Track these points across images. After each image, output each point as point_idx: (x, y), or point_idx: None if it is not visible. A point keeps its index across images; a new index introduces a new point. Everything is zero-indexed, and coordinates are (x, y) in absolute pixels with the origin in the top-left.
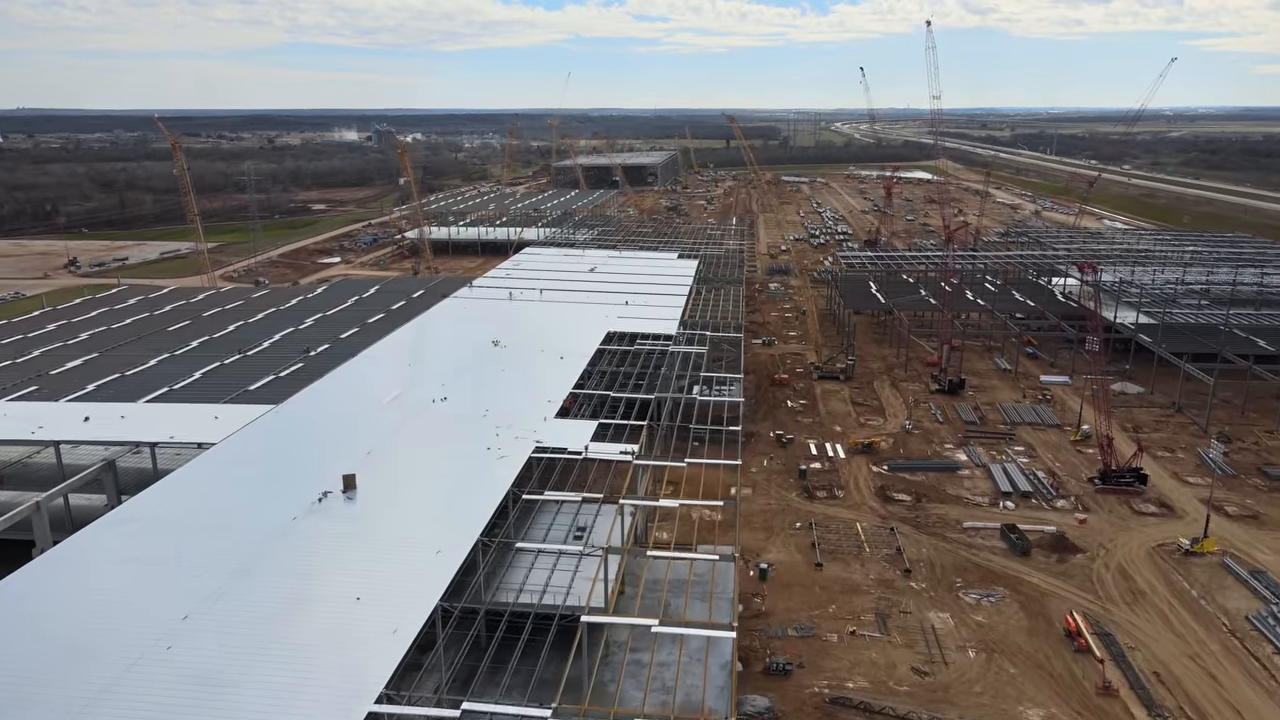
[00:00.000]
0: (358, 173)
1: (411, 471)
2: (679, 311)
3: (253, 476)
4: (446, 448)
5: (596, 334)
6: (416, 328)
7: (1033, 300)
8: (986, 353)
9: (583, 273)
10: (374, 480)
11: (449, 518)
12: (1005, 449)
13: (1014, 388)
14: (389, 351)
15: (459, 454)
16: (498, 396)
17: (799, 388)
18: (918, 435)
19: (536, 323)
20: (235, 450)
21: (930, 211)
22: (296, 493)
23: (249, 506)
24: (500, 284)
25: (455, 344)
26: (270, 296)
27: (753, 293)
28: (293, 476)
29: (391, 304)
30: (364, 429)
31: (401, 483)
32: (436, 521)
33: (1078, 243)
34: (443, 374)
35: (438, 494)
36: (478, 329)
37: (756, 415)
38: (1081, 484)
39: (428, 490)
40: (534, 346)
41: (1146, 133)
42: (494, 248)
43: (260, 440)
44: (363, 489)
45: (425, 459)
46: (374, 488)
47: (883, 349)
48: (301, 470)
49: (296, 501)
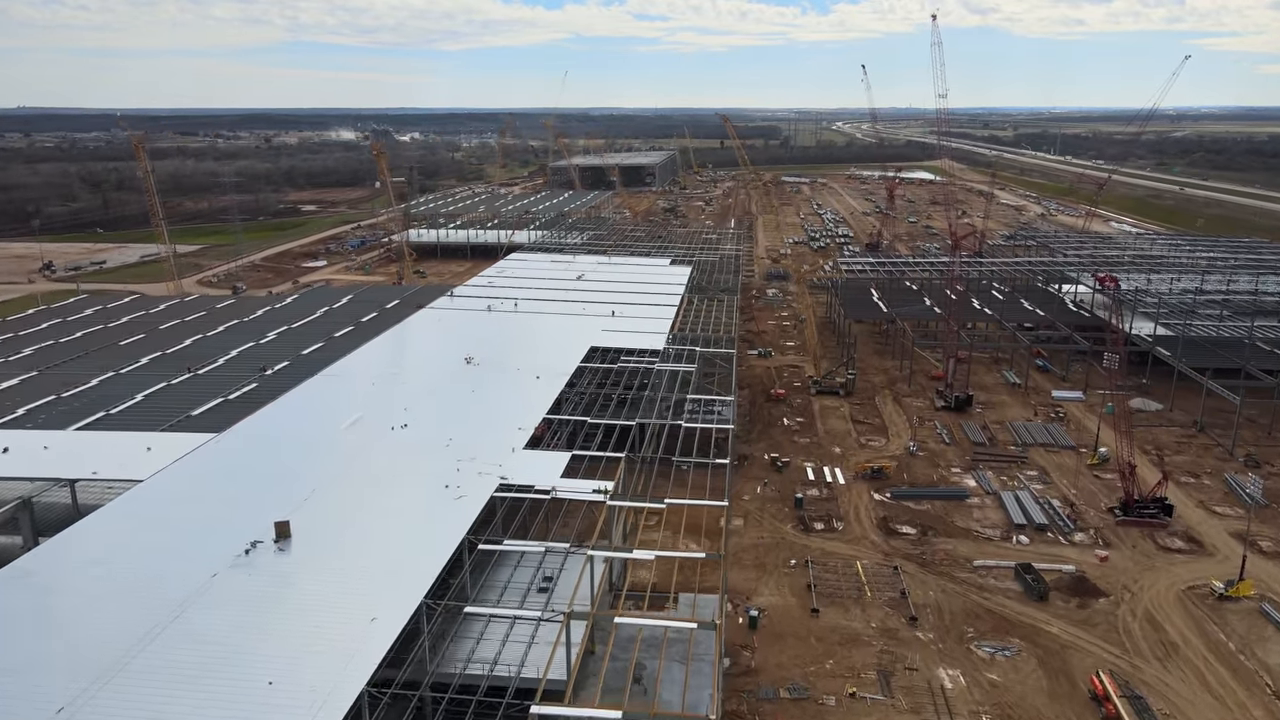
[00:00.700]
0: (352, 173)
1: (355, 516)
2: (668, 324)
3: (174, 522)
4: (399, 486)
5: (578, 349)
6: (385, 343)
7: (1042, 309)
8: (994, 365)
9: (569, 280)
10: (311, 527)
11: (392, 574)
12: (1017, 474)
13: (1024, 404)
14: (352, 370)
15: (413, 493)
16: (464, 422)
17: (796, 404)
18: (923, 458)
19: (515, 337)
20: (160, 490)
21: (933, 213)
22: (221, 543)
23: (162, 561)
24: (481, 293)
25: (425, 361)
26: (235, 307)
27: (749, 299)
28: (220, 522)
29: (363, 315)
30: (311, 463)
31: (342, 530)
32: (376, 579)
33: (1088, 248)
34: (407, 396)
35: (382, 544)
36: (451, 344)
37: (751, 435)
38: (1101, 515)
39: (371, 539)
40: (509, 364)
41: (1151, 133)
42: (484, 251)
43: (191, 477)
44: (297, 538)
45: (373, 500)
46: (310, 536)
47: (884, 361)
48: (231, 515)
49: (219, 554)
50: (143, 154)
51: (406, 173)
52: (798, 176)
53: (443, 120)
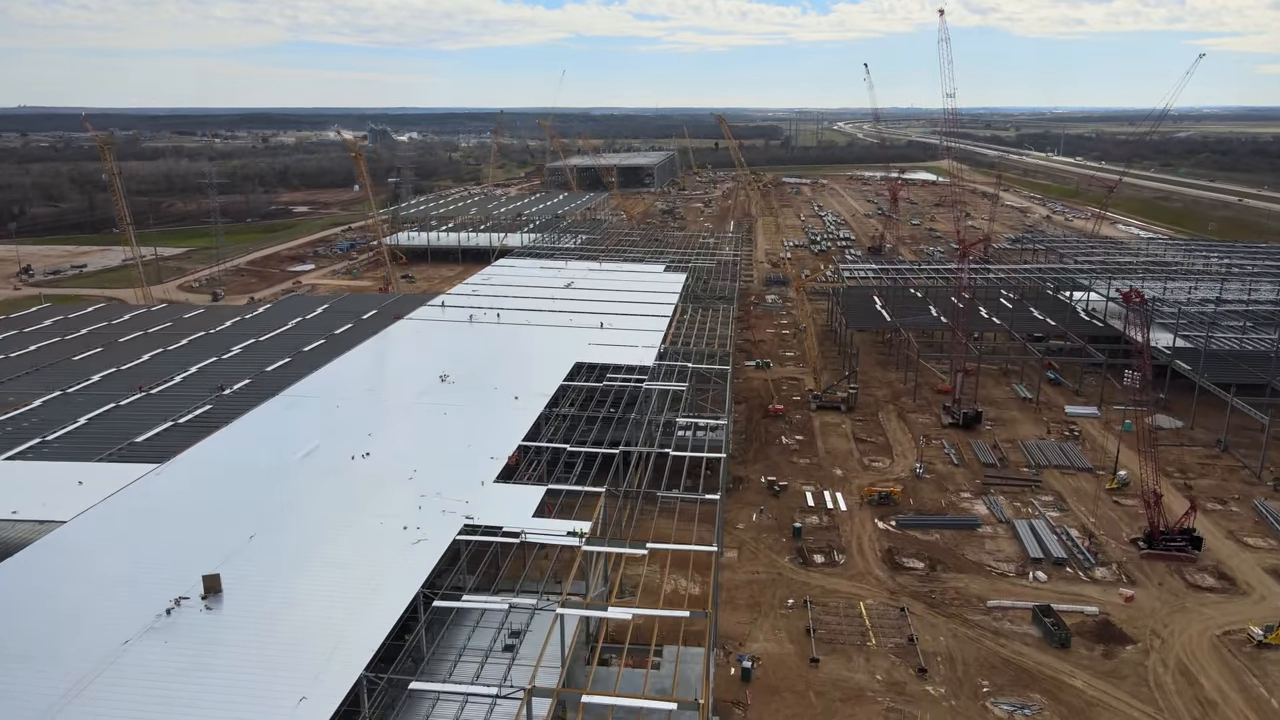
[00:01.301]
0: (347, 173)
1: (299, 566)
2: (660, 337)
3: (90, 575)
4: (352, 528)
5: (562, 366)
6: (355, 359)
7: (1053, 318)
8: (1003, 377)
9: (558, 289)
10: (247, 580)
11: (332, 639)
12: (1031, 499)
13: (1036, 420)
14: (316, 389)
15: (366, 537)
16: (432, 450)
17: (795, 420)
18: (930, 481)
19: (496, 352)
20: (82, 534)
21: (937, 215)
22: (140, 601)
23: (66, 626)
24: (464, 302)
25: (396, 379)
26: (203, 317)
27: (747, 306)
28: (144, 574)
29: (336, 327)
30: (256, 501)
31: (281, 584)
32: (313, 646)
33: (1099, 253)
34: (373, 420)
35: (325, 601)
36: (427, 359)
37: (747, 455)
38: (1123, 547)
39: (313, 595)
40: (487, 382)
41: (1155, 133)
42: (475, 254)
43: (120, 518)
44: (230, 593)
45: (321, 546)
46: (243, 592)
47: (888, 373)
48: (158, 565)
49: (136, 615)
50: (108, 155)
51: (397, 174)
52: (798, 177)
53: (442, 120)
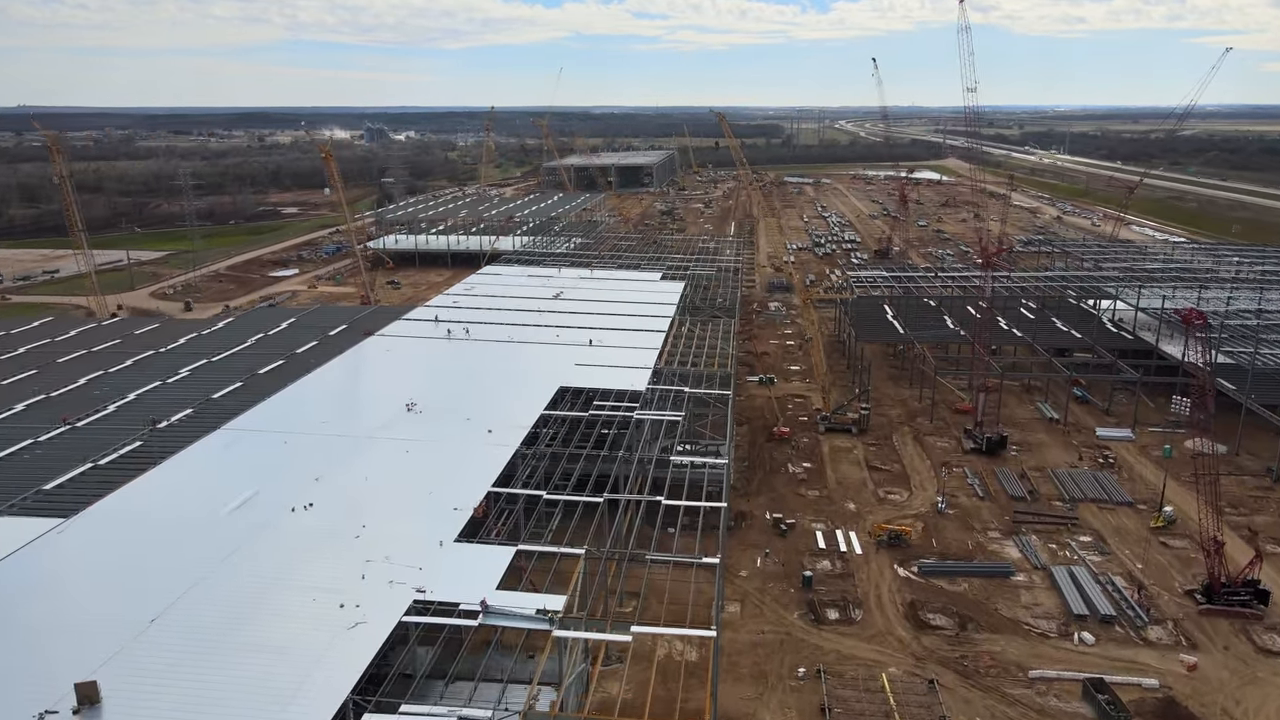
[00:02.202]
0: (340, 173)
1: (202, 664)
2: (654, 356)
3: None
4: (278, 607)
5: (545, 391)
6: (313, 384)
7: (1078, 330)
8: (1026, 394)
9: (546, 299)
10: (134, 684)
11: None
12: (1068, 540)
13: (1066, 444)
14: (263, 422)
15: (295, 619)
16: (387, 500)
17: (802, 444)
18: (953, 517)
19: (471, 375)
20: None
21: (944, 216)
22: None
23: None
24: (443, 315)
25: (356, 409)
26: (156, 333)
27: (749, 314)
28: (11, 678)
29: (299, 345)
30: (170, 569)
31: (176, 689)
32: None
33: (1123, 258)
34: (323, 460)
35: (226, 714)
36: (394, 384)
37: (750, 486)
38: (1177, 599)
39: (213, 706)
40: (459, 412)
41: (1159, 131)
42: (465, 258)
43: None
44: (109, 705)
45: (238, 631)
46: (127, 702)
47: (901, 389)
48: (29, 664)
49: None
50: (57, 156)
51: (383, 174)
52: (801, 177)
53: (441, 118)
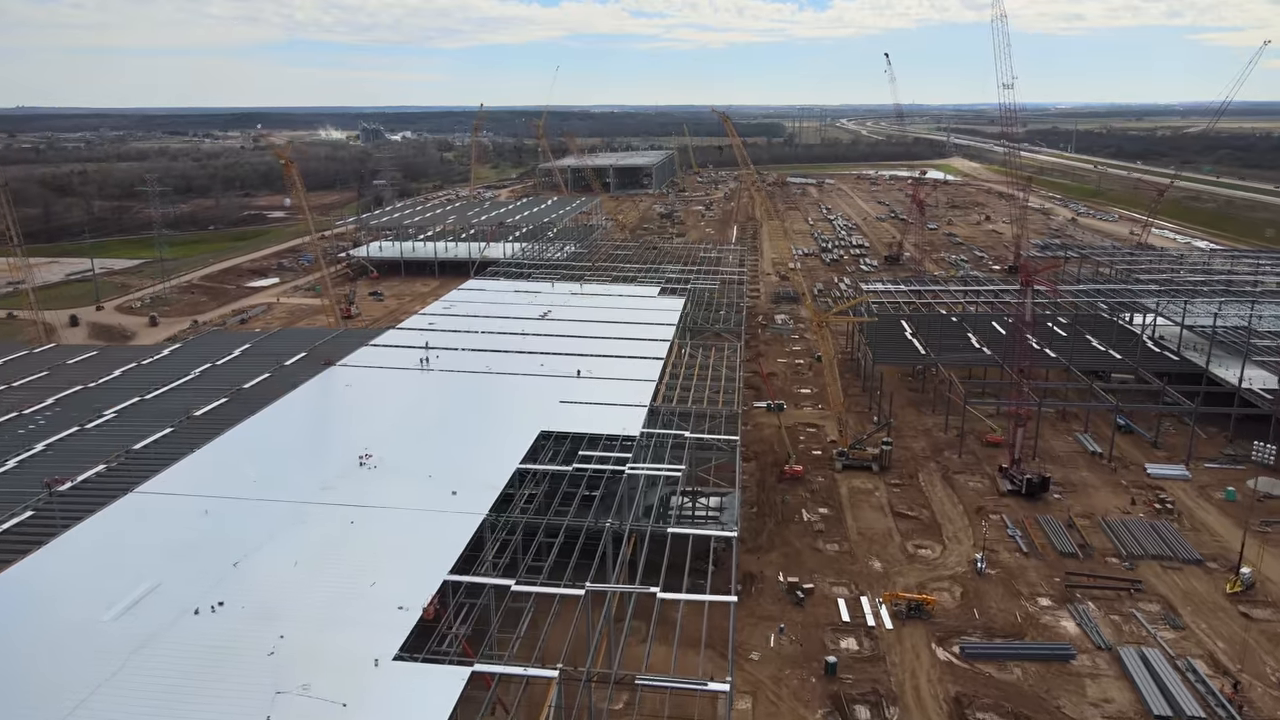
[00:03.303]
0: (332, 175)
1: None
2: (651, 390)
3: None
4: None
5: (523, 436)
6: (254, 430)
7: (1116, 350)
8: (1061, 422)
9: (532, 320)
10: None
11: None
12: (1132, 609)
13: (1113, 485)
14: (184, 483)
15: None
16: (316, 594)
17: (817, 484)
18: (996, 579)
19: (440, 416)
20: None
21: (954, 219)
22: None
23: None
24: (417, 338)
25: (300, 463)
26: (91, 362)
27: (754, 327)
28: None
29: (249, 377)
30: (20, 702)
31: None
32: None
33: (1159, 267)
34: (247, 535)
35: None
36: (348, 429)
37: (759, 538)
38: (1273, 692)
39: None
40: (420, 466)
41: (1165, 129)
42: (453, 267)
43: None
44: None
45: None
46: None
47: (923, 416)
48: None
49: None
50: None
51: (374, 176)
52: (803, 177)
53: (439, 118)
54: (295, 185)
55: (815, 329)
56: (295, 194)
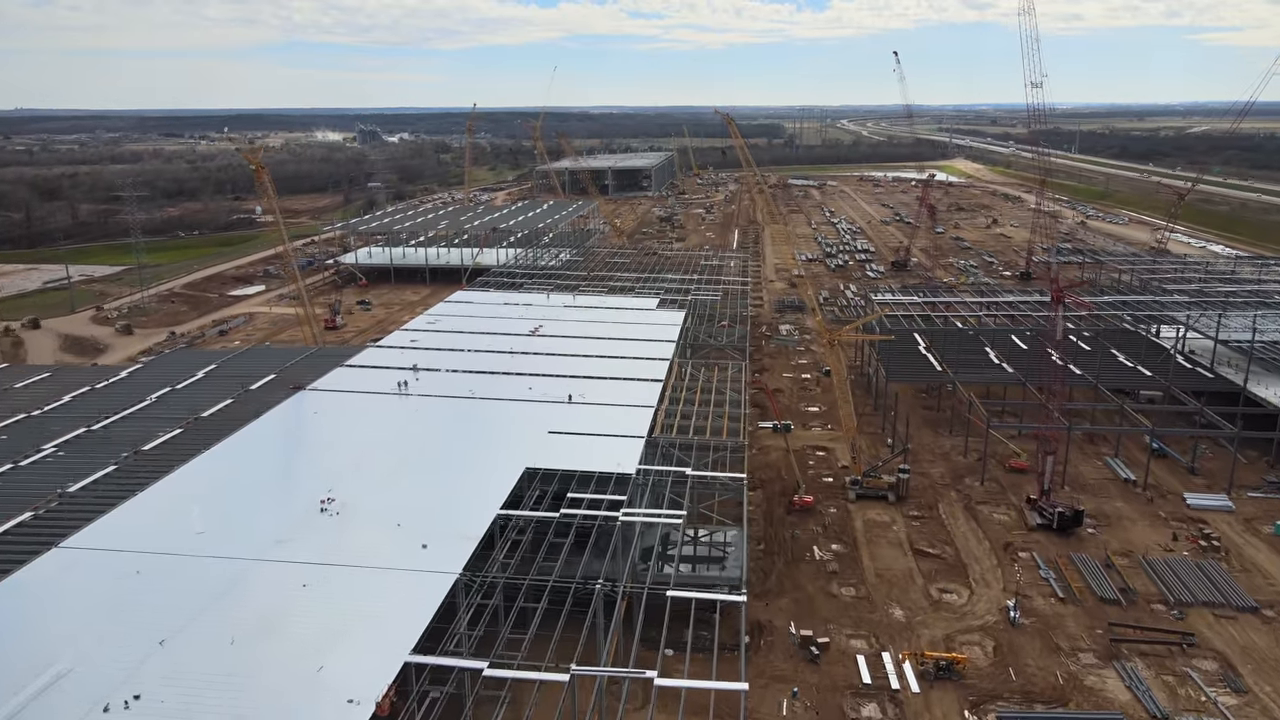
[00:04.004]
0: (326, 177)
1: None
2: (649, 417)
3: None
4: None
5: (506, 475)
6: (204, 470)
7: (1145, 366)
8: (1089, 444)
9: (522, 336)
10: None
11: None
12: (1186, 669)
13: (1151, 516)
14: (115, 538)
15: None
16: (252, 684)
17: (829, 516)
18: (1031, 630)
19: (416, 450)
20: None
21: (960, 222)
22: None
23: None
24: (396, 357)
25: (251, 510)
26: (40, 386)
27: (758, 338)
28: None
29: (209, 404)
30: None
31: None
32: None
33: (1185, 276)
34: (180, 604)
35: None
36: (311, 467)
37: (767, 580)
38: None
39: None
40: (389, 512)
41: (1169, 129)
42: (445, 274)
43: None
44: None
45: None
46: None
47: (939, 437)
48: None
49: None
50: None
51: (359, 179)
52: (805, 179)
53: (438, 119)
54: (267, 191)
55: (826, 346)
56: (266, 200)
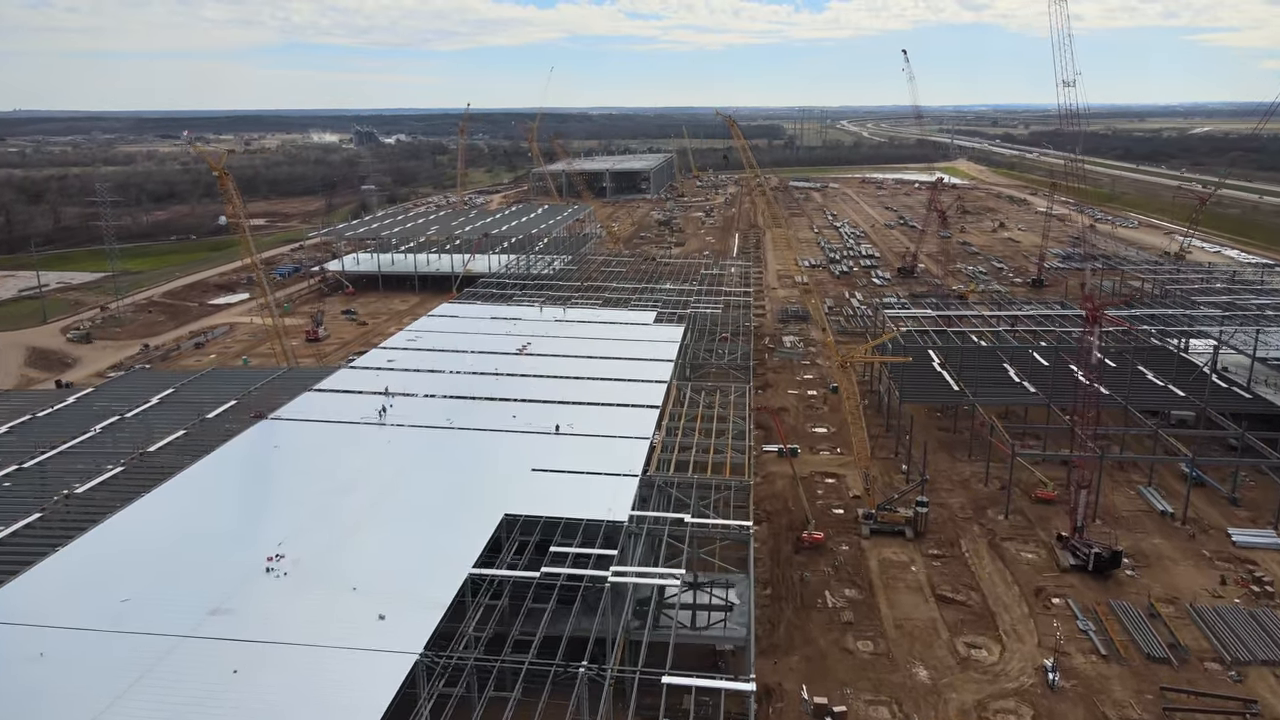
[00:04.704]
0: (319, 179)
1: None
2: (644, 450)
3: None
4: None
5: (482, 523)
6: (138, 520)
7: (1177, 385)
8: (1118, 470)
9: (508, 356)
10: None
11: None
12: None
13: (1194, 555)
14: (22, 606)
15: None
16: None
17: (841, 554)
18: (1073, 695)
19: (382, 493)
20: None
21: (966, 226)
22: None
23: None
24: (370, 380)
25: (186, 572)
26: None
27: (760, 351)
28: None
29: (159, 435)
30: None
31: None
32: None
33: (1215, 287)
34: (79, 704)
35: None
36: (261, 515)
37: (775, 633)
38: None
39: None
40: (344, 572)
41: (1171, 130)
42: (435, 282)
43: None
44: None
45: None
46: None
47: (956, 461)
48: None
49: None
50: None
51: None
52: (806, 181)
53: (436, 120)
54: (231, 198)
55: (839, 369)
56: (230, 206)
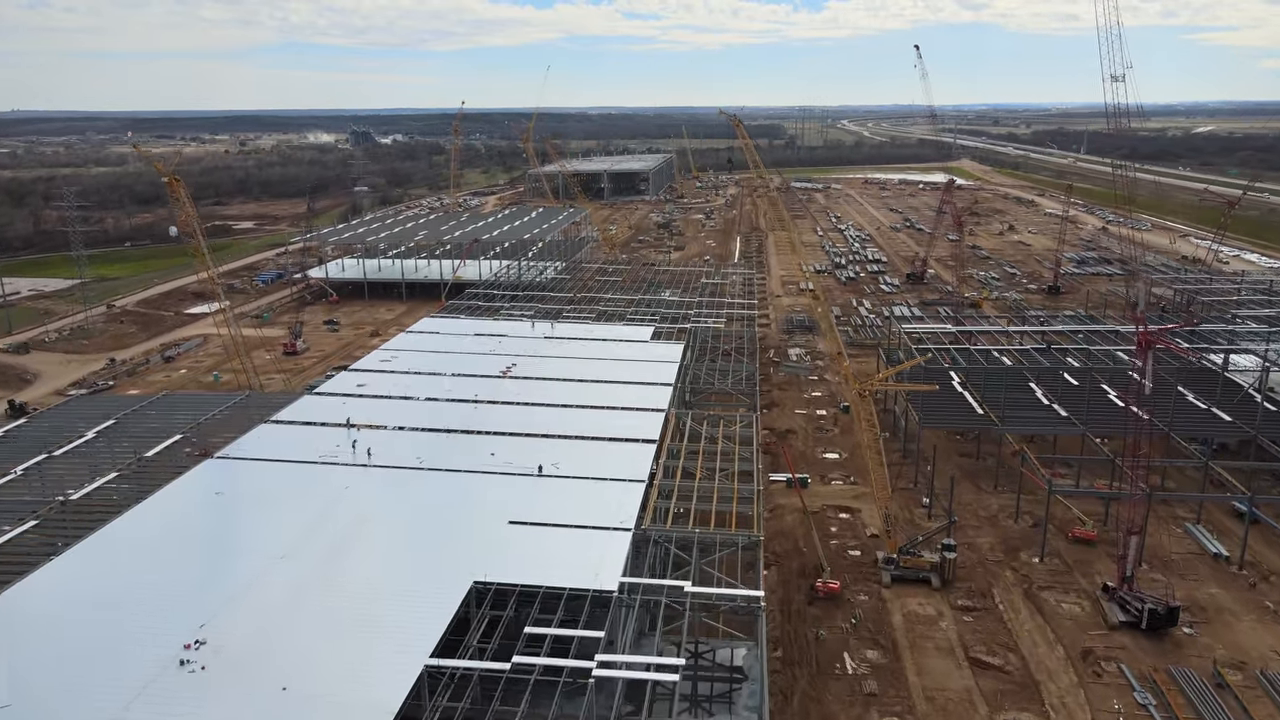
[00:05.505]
0: (313, 181)
1: None
2: (638, 497)
3: None
4: None
5: (447, 594)
6: (36, 593)
7: (1222, 409)
8: (1162, 505)
9: (490, 380)
10: None
11: None
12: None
13: (1257, 607)
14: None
15: None
16: None
17: (860, 607)
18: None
19: (332, 553)
20: None
21: (974, 229)
22: None
23: None
24: (336, 408)
25: (86, 664)
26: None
27: (765, 366)
28: None
29: (85, 479)
30: None
31: None
32: None
33: (1251, 299)
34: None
35: None
36: (185, 587)
37: (788, 706)
38: None
39: None
40: (273, 665)
41: (1176, 129)
42: (423, 289)
43: None
44: None
45: None
46: None
47: (981, 492)
48: None
49: None
50: None
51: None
52: (808, 181)
53: (433, 120)
54: (184, 207)
55: (858, 398)
56: (183, 215)
